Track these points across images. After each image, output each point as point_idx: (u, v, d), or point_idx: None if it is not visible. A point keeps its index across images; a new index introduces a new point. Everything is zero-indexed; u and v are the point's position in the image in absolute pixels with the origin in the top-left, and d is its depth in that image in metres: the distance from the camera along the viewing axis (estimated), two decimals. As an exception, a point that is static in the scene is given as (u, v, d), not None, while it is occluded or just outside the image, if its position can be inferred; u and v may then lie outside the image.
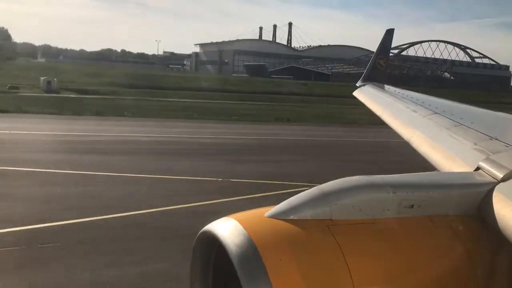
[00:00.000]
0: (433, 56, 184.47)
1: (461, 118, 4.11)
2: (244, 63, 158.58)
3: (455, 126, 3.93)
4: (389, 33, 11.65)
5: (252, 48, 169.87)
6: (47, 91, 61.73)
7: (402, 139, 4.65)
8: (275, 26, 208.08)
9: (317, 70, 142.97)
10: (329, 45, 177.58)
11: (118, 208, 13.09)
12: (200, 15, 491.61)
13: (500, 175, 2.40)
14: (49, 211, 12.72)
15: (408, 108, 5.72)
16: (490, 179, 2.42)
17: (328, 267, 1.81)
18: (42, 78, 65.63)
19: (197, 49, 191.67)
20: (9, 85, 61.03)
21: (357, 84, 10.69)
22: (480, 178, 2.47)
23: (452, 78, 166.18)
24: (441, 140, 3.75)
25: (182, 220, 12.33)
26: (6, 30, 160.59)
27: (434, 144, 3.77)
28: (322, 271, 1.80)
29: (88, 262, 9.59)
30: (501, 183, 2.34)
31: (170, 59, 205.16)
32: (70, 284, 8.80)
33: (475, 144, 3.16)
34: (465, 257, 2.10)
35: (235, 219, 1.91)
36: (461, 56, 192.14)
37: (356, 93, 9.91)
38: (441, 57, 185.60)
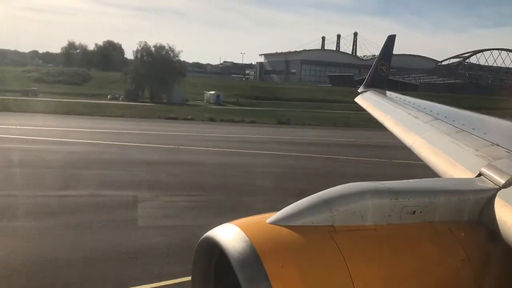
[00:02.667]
0: (495, 65, 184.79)
1: (463, 124, 4.12)
2: (328, 73, 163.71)
3: (457, 132, 3.93)
4: (391, 39, 11.72)
5: (318, 57, 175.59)
6: (216, 103, 71.31)
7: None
8: (338, 36, 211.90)
9: (403, 80, 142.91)
10: (394, 55, 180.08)
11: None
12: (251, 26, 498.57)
13: (502, 181, 2.39)
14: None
15: (409, 114, 5.75)
16: (492, 185, 2.42)
17: (329, 273, 1.81)
18: (210, 92, 75.66)
19: (262, 59, 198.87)
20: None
21: (359, 90, 10.77)
22: (482, 184, 2.46)
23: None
24: (442, 146, 3.74)
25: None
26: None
27: (435, 150, 3.77)
28: (323, 277, 1.79)
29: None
30: (503, 189, 2.33)
31: (232, 69, 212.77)
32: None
33: (477, 150, 3.15)
34: (467, 263, 2.09)
35: (237, 225, 1.90)
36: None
37: (358, 99, 10.00)
38: (503, 65, 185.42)
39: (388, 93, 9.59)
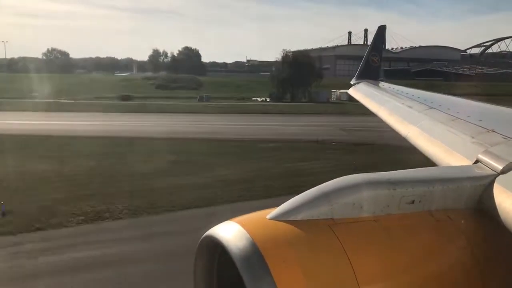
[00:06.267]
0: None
1: (458, 112, 4.12)
2: (383, 68, 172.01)
3: (452, 120, 3.93)
4: (381, 30, 11.84)
5: (348, 52, 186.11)
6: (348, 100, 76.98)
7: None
8: (366, 30, 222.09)
9: (457, 72, 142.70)
10: (420, 46, 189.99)
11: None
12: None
13: (499, 167, 2.41)
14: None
15: (403, 104, 5.75)
16: (489, 171, 2.42)
17: (331, 266, 1.82)
18: (340, 91, 78.39)
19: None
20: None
21: (351, 82, 10.80)
22: (479, 171, 2.47)
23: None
24: (438, 135, 3.75)
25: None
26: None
27: (431, 139, 3.78)
28: (325, 270, 1.80)
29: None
30: (501, 175, 2.34)
31: (259, 66, 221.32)
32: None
33: (473, 137, 3.16)
34: (468, 250, 2.11)
35: (237, 222, 1.90)
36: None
37: (351, 91, 10.10)
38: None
39: (381, 83, 9.64)
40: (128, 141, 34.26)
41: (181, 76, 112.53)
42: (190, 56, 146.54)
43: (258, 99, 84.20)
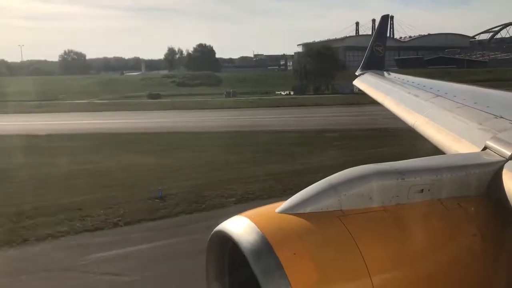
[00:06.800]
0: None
1: (464, 99, 4.09)
2: (394, 58, 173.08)
3: (459, 107, 3.90)
4: (385, 19, 11.85)
5: (357, 43, 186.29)
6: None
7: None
8: (373, 20, 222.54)
9: (470, 59, 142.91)
10: (429, 34, 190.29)
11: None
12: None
13: (508, 153, 2.39)
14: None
15: (409, 93, 5.74)
16: (498, 158, 2.41)
17: (342, 257, 1.83)
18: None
19: (299, 49, 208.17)
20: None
21: (356, 73, 10.79)
22: (488, 157, 2.46)
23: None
24: (445, 123, 3.72)
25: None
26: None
27: (439, 127, 3.75)
28: (336, 261, 1.81)
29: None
30: (510, 161, 2.33)
31: (266, 60, 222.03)
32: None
33: (480, 124, 3.14)
34: (478, 237, 2.10)
35: (247, 217, 1.93)
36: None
37: (356, 82, 10.05)
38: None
39: (386, 73, 9.61)
40: (205, 135, 35.69)
41: (201, 73, 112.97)
42: (204, 52, 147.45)
43: (282, 93, 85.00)
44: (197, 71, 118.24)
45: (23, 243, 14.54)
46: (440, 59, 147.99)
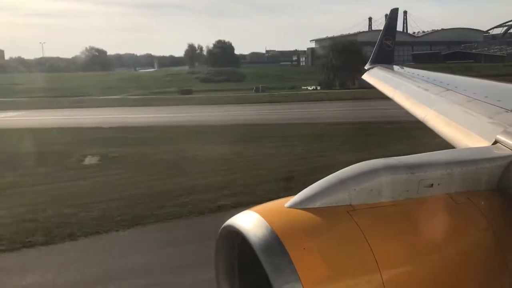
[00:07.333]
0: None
1: (474, 93, 4.05)
2: (411, 53, 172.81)
3: (469, 101, 3.87)
4: (394, 13, 11.63)
5: (370, 38, 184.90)
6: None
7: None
8: (386, 16, 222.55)
9: (488, 53, 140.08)
10: (442, 29, 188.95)
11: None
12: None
13: None
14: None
15: (419, 87, 5.71)
16: (509, 152, 2.40)
17: (351, 252, 1.83)
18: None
19: (312, 45, 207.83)
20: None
21: (366, 67, 10.72)
22: (498, 151, 2.45)
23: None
24: (455, 117, 3.70)
25: None
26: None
27: (449, 121, 3.73)
28: (346, 256, 1.82)
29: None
30: None
31: (279, 56, 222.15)
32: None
33: (491, 118, 3.11)
34: (490, 232, 2.09)
35: (256, 212, 1.94)
36: None
37: (365, 77, 9.97)
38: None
39: (395, 67, 9.59)
40: (274, 127, 36.64)
41: (224, 69, 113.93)
42: (224, 49, 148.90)
43: (309, 88, 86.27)
44: (217, 67, 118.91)
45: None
46: (457, 53, 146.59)
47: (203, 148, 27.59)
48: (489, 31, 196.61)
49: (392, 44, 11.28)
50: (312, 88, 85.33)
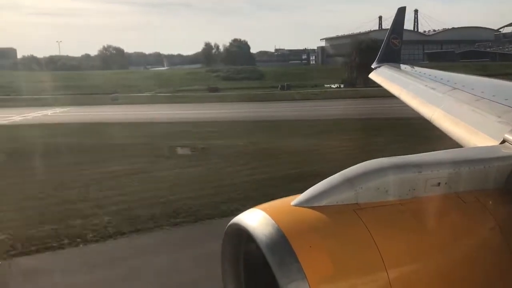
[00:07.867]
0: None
1: (482, 92, 4.01)
2: (425, 51, 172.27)
3: (477, 100, 3.83)
4: (401, 11, 11.50)
5: (382, 37, 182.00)
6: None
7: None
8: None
9: (502, 52, 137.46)
10: (453, 28, 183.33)
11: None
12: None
13: None
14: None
15: (426, 86, 5.66)
16: None
17: (358, 250, 1.83)
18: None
19: (323, 44, 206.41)
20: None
21: (373, 66, 10.66)
22: (506, 150, 2.43)
23: None
24: (463, 116, 3.67)
25: None
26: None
27: (456, 120, 3.71)
28: (352, 255, 1.82)
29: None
30: None
31: (288, 55, 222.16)
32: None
33: (499, 117, 3.08)
34: (497, 230, 2.07)
35: (262, 210, 1.95)
36: None
37: (372, 75, 9.94)
38: None
39: (402, 66, 9.50)
40: (328, 122, 37.92)
41: (243, 67, 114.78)
42: (241, 47, 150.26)
43: (332, 85, 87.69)
44: (232, 66, 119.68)
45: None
46: (472, 52, 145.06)
47: (284, 140, 28.80)
48: (500, 30, 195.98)
49: (399, 43, 11.23)
50: (335, 86, 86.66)
